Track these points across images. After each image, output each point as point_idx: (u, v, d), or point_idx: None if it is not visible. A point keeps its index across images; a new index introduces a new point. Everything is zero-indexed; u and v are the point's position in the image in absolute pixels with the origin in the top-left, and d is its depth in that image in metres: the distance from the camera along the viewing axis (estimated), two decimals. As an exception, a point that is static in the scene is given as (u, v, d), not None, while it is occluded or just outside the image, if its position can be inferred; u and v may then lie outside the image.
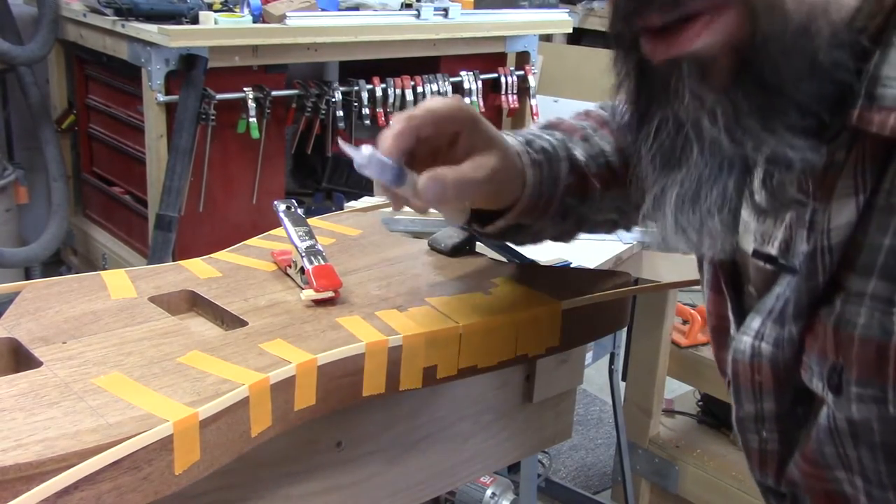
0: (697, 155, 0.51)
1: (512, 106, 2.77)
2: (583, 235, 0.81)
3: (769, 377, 0.58)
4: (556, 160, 0.74)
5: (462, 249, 0.84)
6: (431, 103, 0.68)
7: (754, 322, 0.59)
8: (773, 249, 0.57)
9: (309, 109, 2.37)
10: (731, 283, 0.64)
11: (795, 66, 0.47)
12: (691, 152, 0.51)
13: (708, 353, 1.74)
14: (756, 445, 0.62)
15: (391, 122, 0.68)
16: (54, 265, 2.81)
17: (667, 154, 0.53)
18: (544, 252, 0.90)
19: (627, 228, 0.84)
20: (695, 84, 0.49)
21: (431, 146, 0.68)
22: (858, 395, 0.51)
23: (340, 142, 0.65)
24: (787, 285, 0.57)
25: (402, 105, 2.51)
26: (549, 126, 0.81)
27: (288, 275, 0.75)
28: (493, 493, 1.80)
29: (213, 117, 2.16)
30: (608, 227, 0.81)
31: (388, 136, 0.66)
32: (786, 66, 0.47)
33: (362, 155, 0.61)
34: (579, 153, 0.77)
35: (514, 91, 2.77)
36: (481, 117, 0.70)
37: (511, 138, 0.73)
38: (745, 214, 0.58)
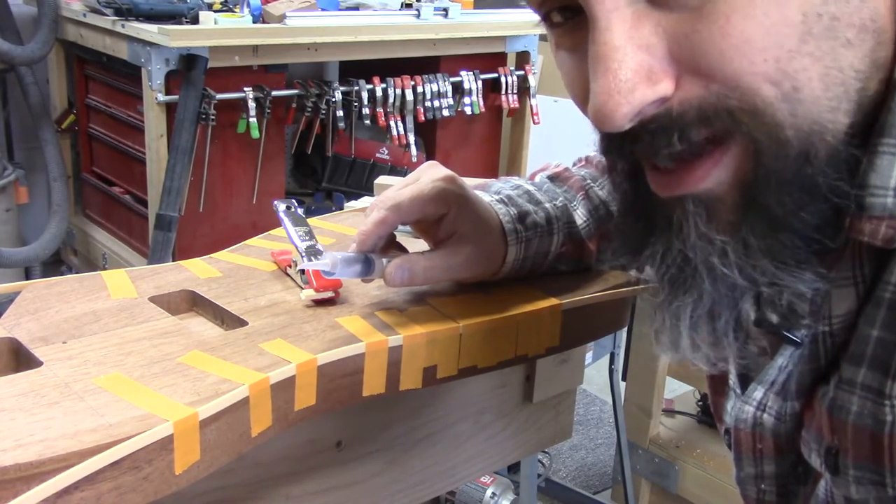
0: (709, 285, 0.49)
1: (512, 106, 2.77)
2: None
3: (770, 446, 0.58)
4: (549, 234, 0.76)
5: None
6: (419, 189, 0.70)
7: (756, 392, 0.58)
8: (774, 317, 0.56)
9: (309, 109, 2.37)
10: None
11: (798, 194, 0.46)
12: (703, 281, 0.49)
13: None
14: (754, 496, 0.62)
15: (377, 204, 0.69)
16: (54, 265, 2.81)
17: (676, 278, 0.51)
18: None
19: (640, 270, 0.84)
20: (701, 223, 0.48)
21: (419, 221, 0.71)
22: (856, 476, 0.51)
23: (304, 263, 0.67)
24: (788, 357, 0.56)
25: (402, 105, 2.51)
26: (558, 178, 0.82)
27: (288, 275, 0.75)
28: (493, 493, 1.80)
29: (213, 117, 2.16)
30: (619, 269, 0.81)
31: (369, 222, 0.69)
32: (789, 196, 0.46)
33: (327, 263, 0.64)
34: (580, 215, 0.79)
35: (515, 91, 2.77)
36: (469, 196, 0.72)
37: (503, 210, 0.74)
38: None
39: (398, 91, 2.49)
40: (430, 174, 0.72)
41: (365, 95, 2.43)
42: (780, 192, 0.46)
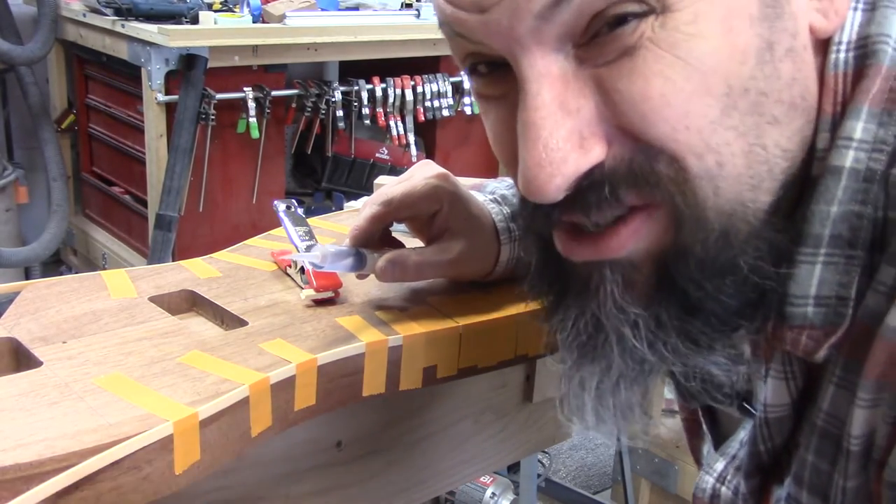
0: (618, 357, 0.48)
1: (512, 106, 2.77)
2: None
3: None
4: None
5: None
6: (412, 186, 0.70)
7: (717, 464, 0.58)
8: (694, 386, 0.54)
9: (309, 109, 2.37)
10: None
11: (717, 279, 0.45)
12: (612, 351, 0.48)
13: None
14: None
15: (370, 201, 0.70)
16: (54, 265, 2.81)
17: (584, 346, 0.49)
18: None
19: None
20: (617, 292, 0.46)
21: (411, 218, 0.71)
22: None
23: (294, 255, 0.68)
24: (749, 432, 0.55)
25: (402, 105, 2.51)
26: None
27: (288, 275, 0.75)
28: (493, 493, 1.80)
29: (212, 117, 2.16)
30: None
31: (362, 218, 0.69)
32: (708, 280, 0.45)
33: (316, 256, 0.63)
34: None
35: (514, 91, 2.77)
36: (462, 194, 0.71)
37: (497, 209, 0.74)
38: None
39: (398, 91, 2.49)
40: (423, 172, 0.72)
41: (365, 95, 2.43)
42: (698, 274, 0.45)
